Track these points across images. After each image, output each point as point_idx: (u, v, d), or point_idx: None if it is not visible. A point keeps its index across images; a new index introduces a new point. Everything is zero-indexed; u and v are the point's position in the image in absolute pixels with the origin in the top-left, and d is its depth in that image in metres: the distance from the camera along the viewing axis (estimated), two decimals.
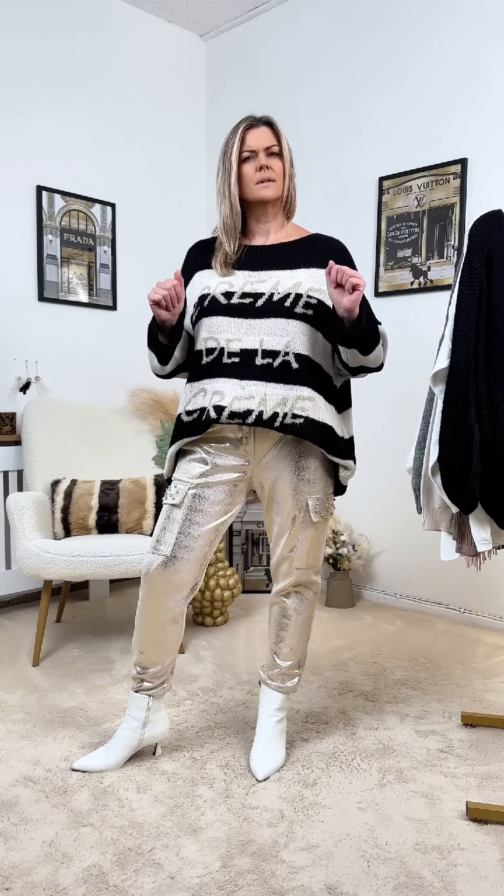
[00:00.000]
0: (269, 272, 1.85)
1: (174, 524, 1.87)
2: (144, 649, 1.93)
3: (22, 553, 2.66)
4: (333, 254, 1.90)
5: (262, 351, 1.81)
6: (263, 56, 3.87)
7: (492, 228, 1.82)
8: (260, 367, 1.81)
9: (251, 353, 1.81)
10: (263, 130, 1.85)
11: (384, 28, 3.36)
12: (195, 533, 1.86)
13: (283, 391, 1.80)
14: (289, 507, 1.90)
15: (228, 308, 1.83)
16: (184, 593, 1.90)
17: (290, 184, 1.91)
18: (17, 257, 3.43)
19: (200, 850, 1.63)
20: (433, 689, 2.51)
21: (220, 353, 1.84)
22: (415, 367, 3.35)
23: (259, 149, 1.84)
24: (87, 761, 1.96)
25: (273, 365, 1.80)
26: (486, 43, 3.03)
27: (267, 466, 1.89)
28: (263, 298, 1.82)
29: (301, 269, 1.86)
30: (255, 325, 1.81)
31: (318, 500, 1.91)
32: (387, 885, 1.52)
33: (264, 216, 1.92)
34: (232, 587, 3.15)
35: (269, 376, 1.80)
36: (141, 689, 1.96)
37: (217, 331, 1.84)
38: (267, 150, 1.85)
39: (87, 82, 3.64)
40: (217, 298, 1.84)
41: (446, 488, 1.86)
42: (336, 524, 3.51)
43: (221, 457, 1.87)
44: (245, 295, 1.83)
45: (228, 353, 1.83)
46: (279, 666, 2.04)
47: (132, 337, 3.89)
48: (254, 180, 1.85)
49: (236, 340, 1.82)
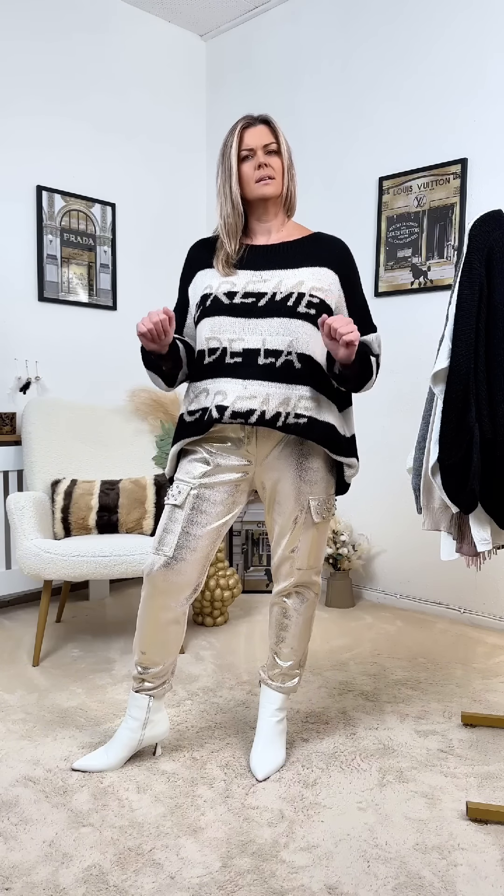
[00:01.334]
0: (271, 272, 1.85)
1: (176, 525, 1.87)
2: (146, 649, 1.93)
3: (22, 553, 2.66)
4: (335, 253, 1.90)
5: (264, 350, 1.81)
6: (263, 56, 3.87)
7: (492, 228, 1.82)
8: (262, 367, 1.81)
9: (254, 352, 1.81)
10: (261, 129, 1.85)
11: (384, 28, 3.36)
12: (197, 533, 1.86)
13: (286, 391, 1.80)
14: (290, 508, 1.90)
15: (231, 308, 1.83)
16: (186, 594, 1.90)
17: (289, 181, 1.90)
18: (17, 257, 3.43)
19: (200, 850, 1.63)
20: (433, 689, 2.51)
21: (222, 352, 1.84)
22: (415, 367, 3.35)
23: (257, 147, 1.84)
24: (87, 761, 1.96)
25: (276, 365, 1.81)
26: (486, 43, 3.03)
27: (269, 466, 1.89)
28: (266, 298, 1.82)
29: (303, 268, 1.85)
30: (257, 324, 1.81)
31: (319, 501, 1.91)
32: (387, 885, 1.52)
33: (265, 215, 1.92)
34: (232, 587, 3.15)
35: (272, 376, 1.80)
36: (142, 689, 1.96)
37: (219, 331, 1.83)
38: (265, 148, 1.84)
39: (87, 82, 3.64)
40: (219, 298, 1.84)
41: (446, 488, 1.86)
42: (336, 524, 3.51)
43: (223, 457, 1.87)
44: (247, 294, 1.83)
45: (231, 352, 1.82)
46: (279, 666, 2.04)
47: (132, 337, 3.90)
48: (253, 179, 1.85)
49: (238, 340, 1.82)
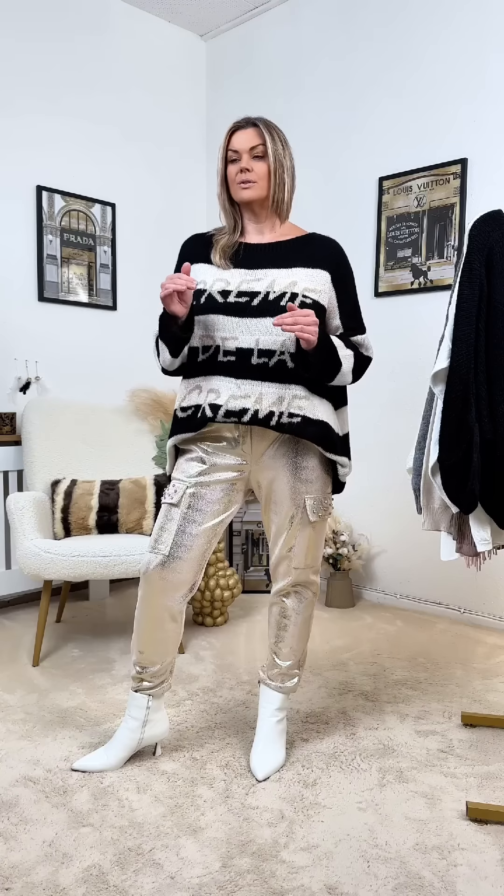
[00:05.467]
0: (264, 270, 1.86)
1: (172, 523, 1.87)
2: (144, 648, 1.93)
3: (22, 553, 2.66)
4: (329, 254, 1.90)
5: (257, 350, 1.81)
6: (263, 56, 3.87)
7: (492, 228, 1.82)
8: (255, 367, 1.82)
9: (247, 352, 1.82)
10: (250, 132, 1.84)
11: (384, 28, 3.36)
12: (193, 532, 1.86)
13: (279, 390, 1.82)
14: (286, 507, 1.90)
15: (225, 307, 1.83)
16: (182, 592, 1.90)
17: (276, 186, 1.86)
18: (17, 257, 3.43)
19: (200, 850, 1.63)
20: (433, 689, 2.51)
21: (215, 350, 1.84)
22: (415, 367, 3.35)
23: (243, 150, 1.84)
24: (87, 761, 1.96)
25: (269, 364, 1.82)
26: (485, 43, 3.03)
27: (264, 466, 1.89)
28: (259, 297, 1.82)
29: (297, 268, 1.86)
30: (250, 324, 1.81)
31: (315, 500, 1.91)
32: (387, 885, 1.52)
33: (254, 216, 1.93)
34: (232, 587, 3.15)
35: (265, 375, 1.82)
36: (140, 688, 1.96)
37: (213, 329, 1.84)
38: (251, 152, 1.84)
39: (87, 82, 3.64)
40: (213, 296, 1.84)
41: (446, 488, 1.86)
42: (336, 524, 3.50)
43: (219, 456, 1.88)
44: (241, 294, 1.83)
45: (224, 351, 1.83)
46: (279, 666, 2.04)
47: (132, 337, 3.90)
48: (235, 182, 1.86)
49: (232, 339, 1.82)
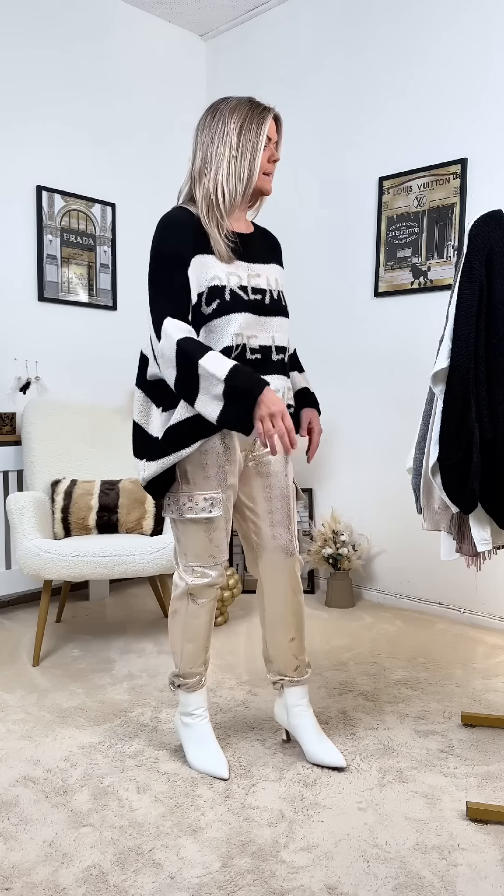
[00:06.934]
0: (258, 265, 1.89)
1: (220, 532, 1.92)
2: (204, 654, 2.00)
3: (22, 553, 2.66)
4: (279, 250, 2.02)
5: (275, 347, 1.89)
6: (263, 56, 3.86)
7: (492, 228, 1.82)
8: (276, 363, 1.89)
9: (268, 349, 1.87)
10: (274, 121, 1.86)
11: (384, 28, 3.36)
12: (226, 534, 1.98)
13: (287, 384, 1.94)
14: (284, 481, 2.00)
15: (249, 304, 1.83)
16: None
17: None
18: (17, 257, 3.43)
19: (200, 850, 1.63)
20: (433, 689, 2.51)
21: (242, 349, 1.84)
22: (415, 367, 3.35)
23: (274, 139, 1.86)
24: (211, 769, 1.96)
25: (283, 360, 1.92)
26: (486, 43, 3.03)
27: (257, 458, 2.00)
28: (269, 296, 1.87)
29: (272, 263, 1.94)
30: (267, 322, 1.87)
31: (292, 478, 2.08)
32: (387, 885, 1.52)
33: (245, 206, 1.92)
34: (232, 587, 3.15)
35: (281, 371, 1.91)
36: (202, 684, 2.04)
37: (239, 327, 1.81)
38: (276, 145, 1.88)
39: (87, 82, 3.64)
40: (237, 293, 1.81)
41: (446, 488, 1.86)
42: (336, 524, 3.50)
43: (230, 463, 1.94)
44: (254, 290, 1.86)
45: (250, 349, 1.85)
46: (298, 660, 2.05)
47: (132, 337, 3.89)
48: (264, 170, 1.85)
49: (254, 337, 1.85)
